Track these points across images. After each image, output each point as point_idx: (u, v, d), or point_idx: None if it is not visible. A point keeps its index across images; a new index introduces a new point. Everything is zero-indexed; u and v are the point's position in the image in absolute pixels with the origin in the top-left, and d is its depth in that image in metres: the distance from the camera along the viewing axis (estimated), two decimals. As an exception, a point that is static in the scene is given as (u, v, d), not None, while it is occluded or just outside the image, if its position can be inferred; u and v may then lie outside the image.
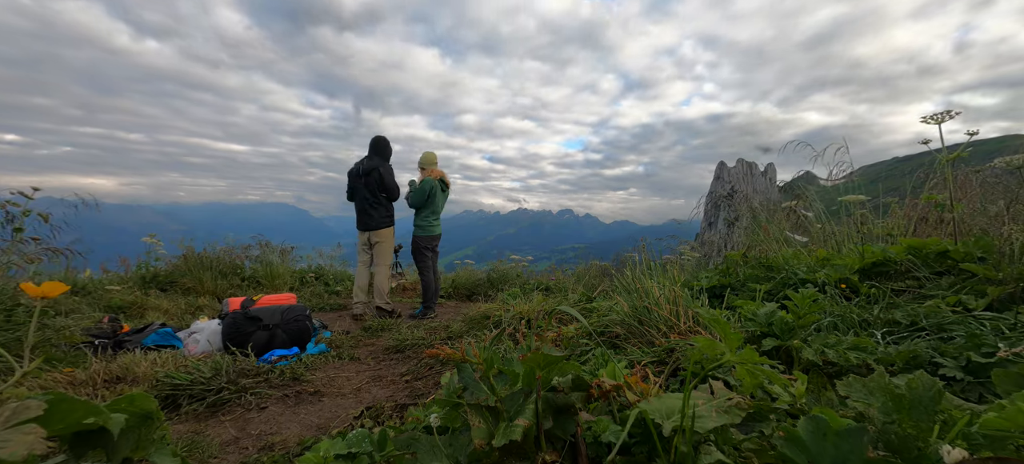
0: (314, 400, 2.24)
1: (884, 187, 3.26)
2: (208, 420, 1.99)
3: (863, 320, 1.57)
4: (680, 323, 1.70)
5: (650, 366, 1.41)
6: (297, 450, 1.64)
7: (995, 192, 2.83)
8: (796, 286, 1.98)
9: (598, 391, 0.94)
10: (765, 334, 1.46)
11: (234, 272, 5.88)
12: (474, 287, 6.25)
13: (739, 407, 0.81)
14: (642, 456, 0.81)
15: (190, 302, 4.71)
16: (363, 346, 3.31)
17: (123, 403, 0.74)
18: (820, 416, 0.64)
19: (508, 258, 6.96)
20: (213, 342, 3.05)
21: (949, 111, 2.08)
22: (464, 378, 0.94)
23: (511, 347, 2.21)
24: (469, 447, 0.82)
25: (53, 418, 0.64)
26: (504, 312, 3.18)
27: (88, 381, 2.18)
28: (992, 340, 1.14)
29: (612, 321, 2.06)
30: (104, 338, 2.91)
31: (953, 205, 2.19)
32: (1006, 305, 1.51)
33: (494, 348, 2.17)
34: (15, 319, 2.50)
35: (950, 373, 1.07)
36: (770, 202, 4.52)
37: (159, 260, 5.53)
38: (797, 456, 0.63)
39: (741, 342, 0.86)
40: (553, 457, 0.80)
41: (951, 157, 2.17)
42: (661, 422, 0.75)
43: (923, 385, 0.67)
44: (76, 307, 3.68)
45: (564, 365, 0.88)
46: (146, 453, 0.74)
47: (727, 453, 0.76)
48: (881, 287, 1.87)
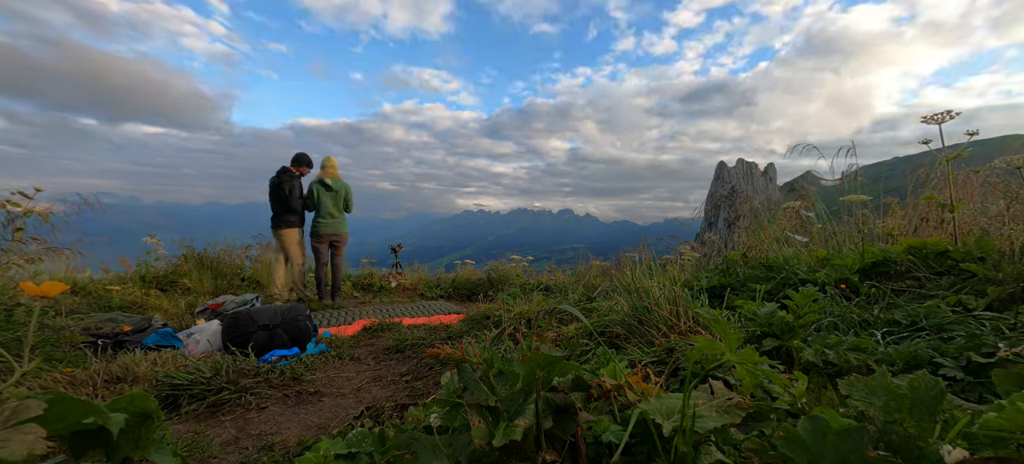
0: (314, 400, 2.24)
1: (884, 187, 3.26)
2: (208, 420, 1.99)
3: (863, 320, 1.56)
4: (680, 323, 1.70)
5: (650, 366, 1.41)
6: (297, 450, 1.64)
7: (995, 192, 2.83)
8: (796, 286, 1.98)
9: (598, 391, 0.94)
10: (765, 334, 1.46)
11: (234, 272, 5.88)
12: (474, 287, 6.25)
13: (739, 407, 0.81)
14: (642, 456, 0.81)
15: (190, 302, 4.71)
16: (363, 346, 3.31)
17: (123, 403, 0.74)
18: (820, 416, 0.64)
19: (508, 258, 6.96)
20: (213, 342, 3.05)
21: (949, 111, 2.08)
22: (464, 378, 0.94)
23: (511, 347, 2.21)
24: (469, 447, 0.81)
25: (53, 418, 0.64)
26: (504, 312, 3.18)
27: (88, 381, 2.18)
28: (992, 340, 1.14)
29: (612, 321, 2.06)
30: (104, 338, 2.91)
31: (953, 205, 2.18)
32: (1006, 305, 1.51)
33: (494, 348, 2.17)
34: (15, 319, 2.50)
35: (950, 373, 1.06)
36: (770, 202, 4.51)
37: (159, 260, 5.53)
38: (797, 456, 0.63)
39: (741, 342, 0.86)
40: (553, 457, 0.80)
41: (952, 157, 2.17)
42: (661, 422, 0.75)
43: (925, 385, 0.67)
44: (76, 307, 3.68)
45: (564, 365, 0.88)
46: (146, 453, 0.74)
47: (727, 453, 0.76)
48: (881, 287, 1.87)
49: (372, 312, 4.55)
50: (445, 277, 7.08)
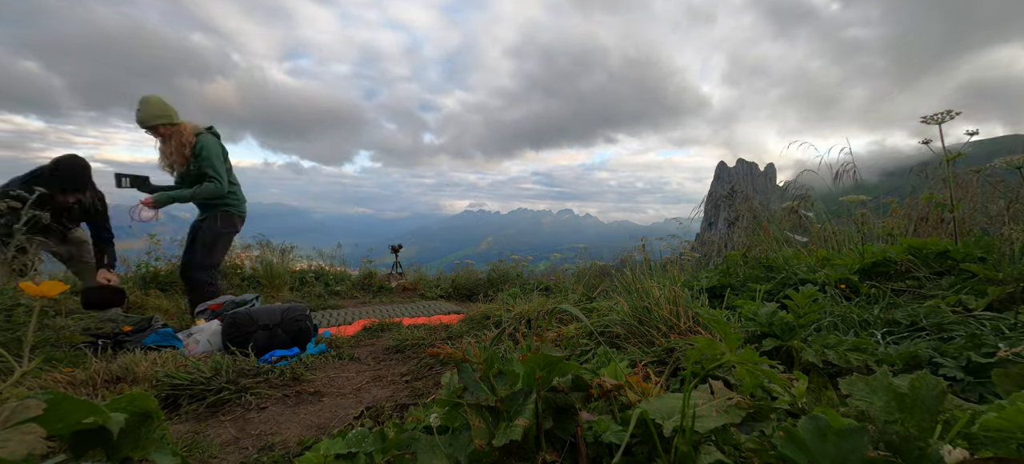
0: (314, 400, 2.24)
1: (884, 187, 3.26)
2: (208, 420, 1.99)
3: (863, 320, 1.56)
4: (680, 323, 1.70)
5: (650, 366, 1.41)
6: (297, 450, 1.64)
7: (995, 192, 2.83)
8: (796, 286, 1.98)
9: (598, 391, 0.94)
10: (765, 334, 1.46)
11: (234, 272, 5.88)
12: (474, 287, 6.25)
13: (739, 407, 0.81)
14: (643, 456, 0.81)
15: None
16: (363, 346, 3.31)
17: (123, 402, 0.74)
18: (820, 416, 0.64)
19: (508, 258, 6.96)
20: (213, 342, 3.05)
21: (949, 111, 2.08)
22: (464, 378, 0.94)
23: (511, 347, 2.21)
24: (469, 447, 0.81)
25: (53, 417, 0.64)
26: (504, 312, 3.18)
27: (88, 381, 2.18)
28: (992, 340, 1.14)
29: (612, 321, 2.06)
30: (104, 338, 2.92)
31: (953, 205, 2.19)
32: (1006, 305, 1.51)
33: (494, 348, 2.17)
34: (15, 319, 2.50)
35: (950, 373, 1.06)
36: (770, 202, 4.52)
37: (159, 260, 5.53)
38: (797, 456, 0.63)
39: (741, 342, 0.86)
40: (553, 457, 0.80)
41: (952, 157, 2.17)
42: (661, 422, 0.75)
43: (927, 385, 0.67)
44: (76, 307, 3.68)
45: (564, 365, 0.88)
46: (146, 452, 0.74)
47: (727, 453, 0.76)
48: (881, 287, 1.87)
49: (372, 312, 4.55)
50: (445, 277, 7.07)
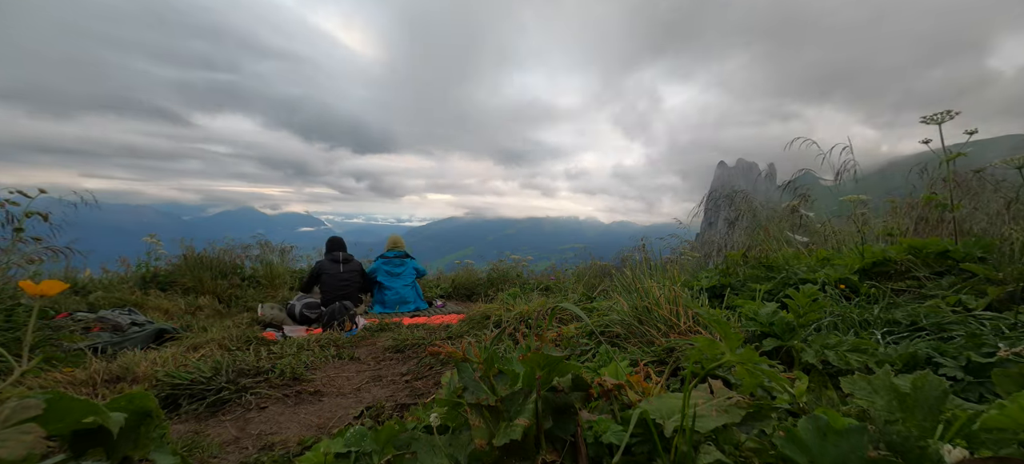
0: (314, 400, 2.24)
1: (884, 187, 3.26)
2: (208, 420, 1.99)
3: (863, 320, 1.56)
4: (680, 323, 1.70)
5: (650, 365, 1.41)
6: (297, 450, 1.63)
7: (995, 192, 2.83)
8: (796, 286, 1.98)
9: (599, 390, 0.94)
10: (766, 334, 1.46)
11: (234, 272, 5.88)
12: (474, 287, 6.25)
13: (739, 407, 0.81)
14: (643, 456, 0.81)
15: (190, 302, 4.71)
16: (363, 346, 3.31)
17: (123, 402, 0.74)
18: (821, 416, 0.64)
19: (508, 258, 6.96)
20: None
21: (949, 111, 2.08)
22: (464, 378, 0.94)
23: (511, 347, 2.21)
24: (469, 446, 0.81)
25: (52, 417, 0.64)
26: (504, 312, 3.18)
27: (88, 380, 2.18)
28: (992, 340, 1.14)
29: (612, 321, 2.06)
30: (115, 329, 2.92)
31: (953, 205, 2.18)
32: (1006, 305, 1.51)
33: (494, 348, 2.17)
34: (15, 319, 2.49)
35: (950, 373, 1.06)
36: (771, 202, 4.51)
37: (159, 260, 5.53)
38: (797, 455, 0.63)
39: (741, 342, 0.86)
40: (553, 457, 0.80)
41: (952, 157, 2.17)
42: (662, 422, 0.75)
43: (929, 385, 0.67)
44: (77, 307, 3.68)
45: (564, 365, 0.88)
46: (146, 452, 0.74)
47: (727, 452, 0.76)
48: (881, 287, 1.87)
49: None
50: (445, 277, 7.07)
